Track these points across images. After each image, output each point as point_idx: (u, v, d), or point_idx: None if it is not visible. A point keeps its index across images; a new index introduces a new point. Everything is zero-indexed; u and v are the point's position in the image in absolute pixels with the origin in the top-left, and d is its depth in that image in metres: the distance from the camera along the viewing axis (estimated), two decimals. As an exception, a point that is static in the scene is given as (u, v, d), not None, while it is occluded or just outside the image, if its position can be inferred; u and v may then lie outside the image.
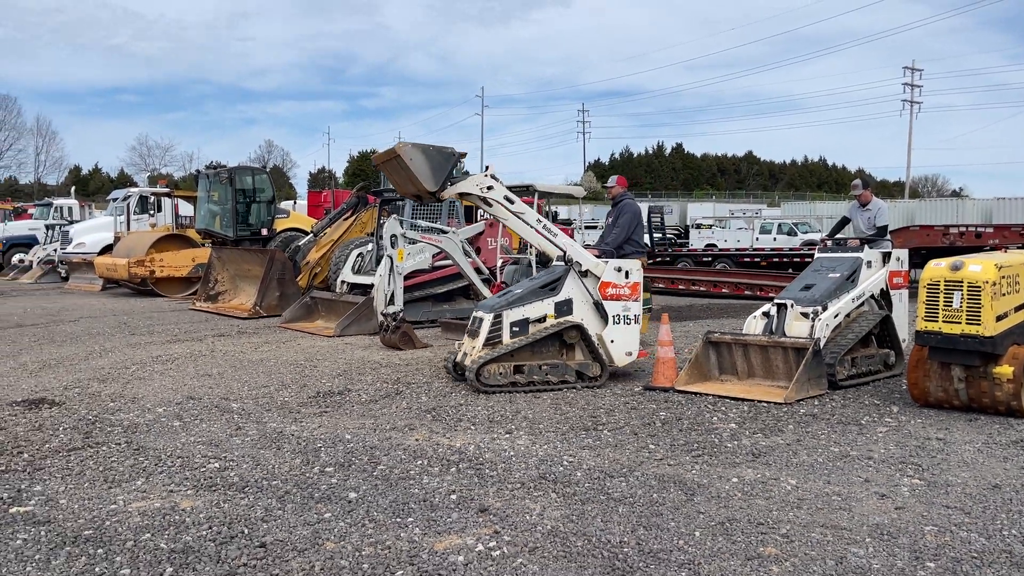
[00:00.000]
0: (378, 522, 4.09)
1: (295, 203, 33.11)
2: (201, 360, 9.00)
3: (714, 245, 29.45)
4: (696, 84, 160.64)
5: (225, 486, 4.65)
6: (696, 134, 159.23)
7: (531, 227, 7.64)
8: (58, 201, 29.99)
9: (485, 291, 11.90)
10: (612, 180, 9.03)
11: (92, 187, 72.18)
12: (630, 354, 7.75)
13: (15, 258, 25.43)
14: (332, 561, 3.61)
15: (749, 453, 5.38)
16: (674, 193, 78.64)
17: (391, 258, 10.49)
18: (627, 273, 7.73)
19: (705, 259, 23.50)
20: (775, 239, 29.00)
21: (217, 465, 5.05)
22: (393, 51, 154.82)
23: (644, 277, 10.71)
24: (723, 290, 18.15)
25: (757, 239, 29.02)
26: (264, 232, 17.43)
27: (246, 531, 3.96)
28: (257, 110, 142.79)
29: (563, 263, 7.63)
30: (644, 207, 38.52)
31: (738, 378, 7.54)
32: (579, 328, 7.43)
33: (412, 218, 14.85)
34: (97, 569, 3.52)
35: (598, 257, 7.79)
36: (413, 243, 11.52)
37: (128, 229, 20.34)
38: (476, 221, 16.10)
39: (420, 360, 9.07)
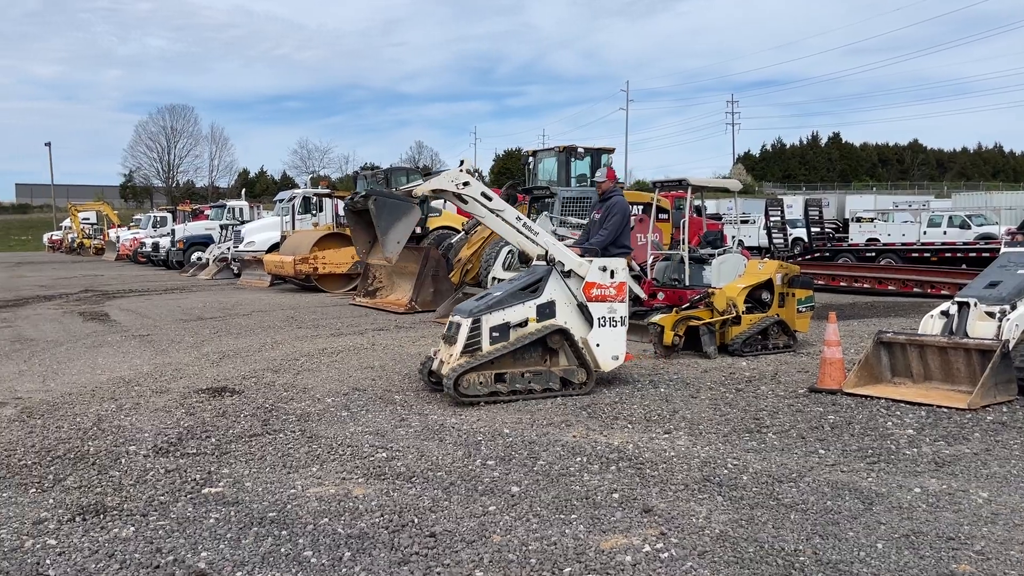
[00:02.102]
0: (542, 517, 4.11)
1: (445, 202, 34.01)
2: (363, 353, 9.40)
3: (876, 239, 27.77)
4: (855, 70, 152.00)
5: (393, 475, 4.81)
6: (855, 122, 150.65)
7: (511, 225, 7.17)
8: (231, 203, 32.17)
9: (635, 288, 11.74)
10: (602, 173, 8.30)
11: (258, 189, 77.20)
12: (616, 358, 7.22)
13: (194, 256, 27.58)
14: (500, 554, 3.65)
15: (931, 462, 5.02)
16: (830, 185, 74.91)
17: (542, 255, 10.56)
18: (612, 273, 7.20)
19: (868, 254, 22.24)
20: (945, 232, 27.04)
21: (384, 455, 5.24)
22: (539, 50, 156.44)
23: (804, 274, 10.26)
24: (889, 287, 17.09)
25: (925, 233, 27.12)
26: (418, 230, 17.99)
27: (416, 520, 4.08)
28: (409, 112, 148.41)
29: (543, 263, 7.14)
30: (799, 200, 36.71)
31: (913, 381, 7.05)
32: (564, 332, 6.94)
33: (562, 214, 14.90)
34: (283, 550, 3.74)
35: (581, 256, 7.24)
36: (562, 239, 11.54)
37: (293, 228, 21.56)
38: (625, 217, 15.95)
39: (572, 356, 9.06)
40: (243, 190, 47.20)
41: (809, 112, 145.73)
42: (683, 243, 11.32)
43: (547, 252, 7.11)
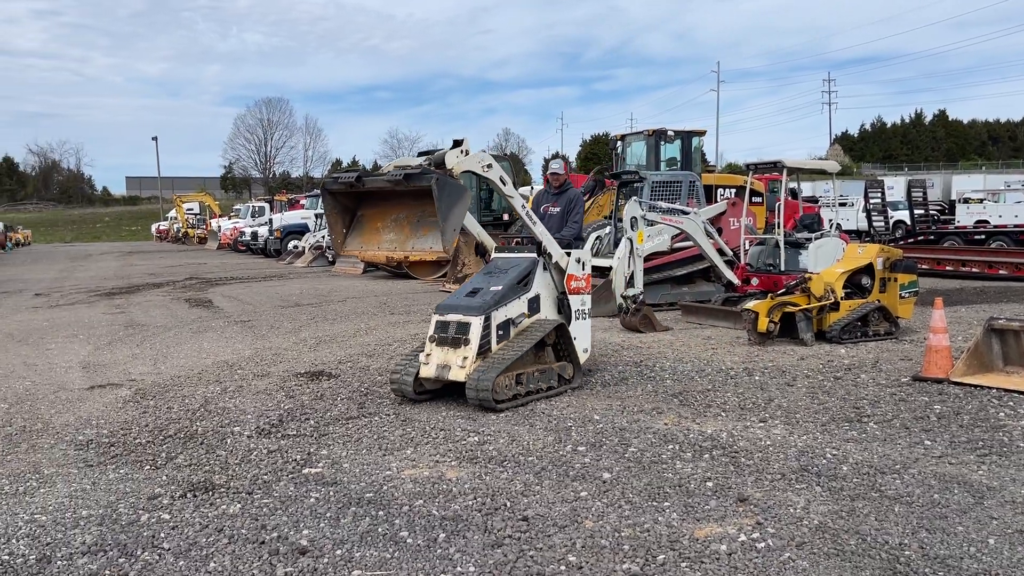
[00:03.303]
0: (634, 504, 4.09)
1: (532, 188, 34.06)
2: (454, 339, 9.51)
3: (986, 221, 26.31)
4: (962, 43, 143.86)
5: (485, 459, 4.87)
6: (962, 98, 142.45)
7: (517, 211, 6.94)
8: (325, 192, 32.96)
9: (728, 273, 11.53)
10: (558, 164, 7.93)
11: (351, 179, 78.81)
12: (586, 351, 7.06)
13: (290, 244, 28.47)
14: (592, 540, 3.66)
15: (1048, 455, 4.75)
16: (935, 165, 71.47)
17: (631, 240, 10.45)
18: (584, 265, 7.05)
19: (976, 237, 21.16)
20: (1063, 213, 25.39)
21: (476, 439, 5.31)
22: (628, 33, 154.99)
23: (906, 258, 9.84)
24: (1000, 271, 16.22)
25: (1040, 213, 25.58)
26: (506, 217, 18.08)
27: (508, 504, 4.12)
28: (496, 100, 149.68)
29: (517, 255, 6.84)
30: (900, 181, 35.12)
31: (1028, 370, 6.67)
32: (563, 328, 6.71)
33: (651, 199, 14.71)
34: (380, 530, 3.84)
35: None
36: (652, 224, 11.41)
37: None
38: (716, 201, 15.65)
39: (661, 343, 8.97)
40: (336, 180, 48.28)
41: (912, 89, 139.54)
42: (778, 227, 11.02)
43: (541, 243, 6.85)
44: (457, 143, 6.47)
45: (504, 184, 7.00)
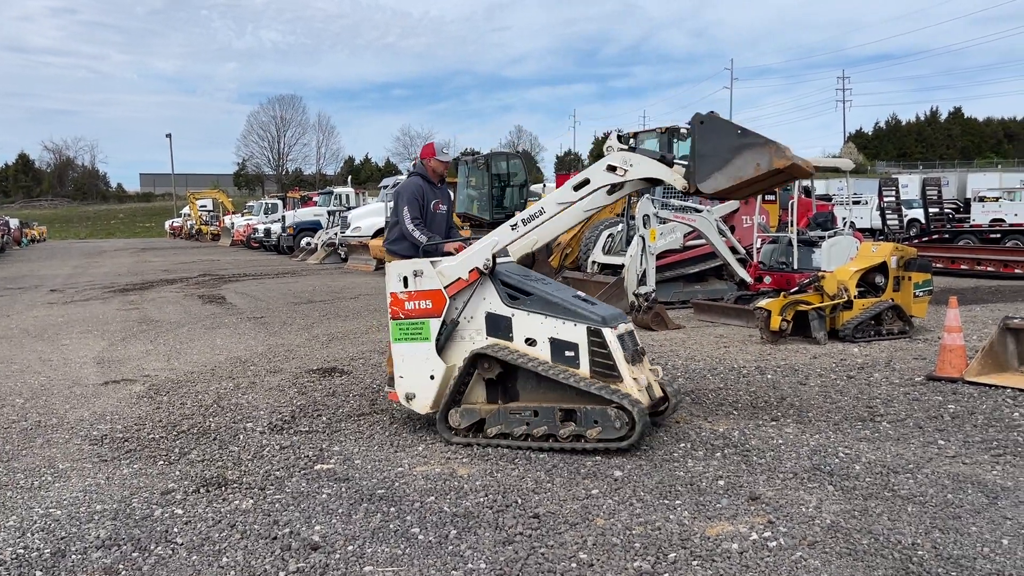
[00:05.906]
0: (645, 502, 4.09)
1: (544, 186, 34.01)
2: (465, 336, 9.52)
3: (1002, 220, 26.11)
4: (982, 39, 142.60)
5: (497, 456, 4.87)
6: (979, 96, 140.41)
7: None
8: (337, 189, 33.11)
9: (741, 271, 11.49)
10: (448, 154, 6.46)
11: (363, 176, 79.21)
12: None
13: (303, 241, 28.57)
14: (604, 537, 3.65)
15: (1064, 456, 4.71)
16: (950, 163, 70.94)
17: (643, 238, 10.42)
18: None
19: (992, 236, 20.98)
20: (1080, 212, 25.14)
21: (488, 436, 5.30)
22: (646, 30, 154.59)
23: (921, 256, 9.79)
24: (1016, 270, 16.07)
25: (1057, 212, 25.33)
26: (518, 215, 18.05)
27: (519, 501, 4.13)
28: (513, 97, 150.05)
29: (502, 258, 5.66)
30: (916, 179, 34.86)
31: (1043, 370, 6.62)
32: None
33: (664, 197, 14.67)
34: (392, 526, 3.85)
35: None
36: (664, 222, 11.38)
37: (396, 214, 21.99)
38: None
39: (673, 341, 8.95)
40: (349, 177, 48.45)
41: (927, 87, 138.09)
42: (791, 225, 10.98)
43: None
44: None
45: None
